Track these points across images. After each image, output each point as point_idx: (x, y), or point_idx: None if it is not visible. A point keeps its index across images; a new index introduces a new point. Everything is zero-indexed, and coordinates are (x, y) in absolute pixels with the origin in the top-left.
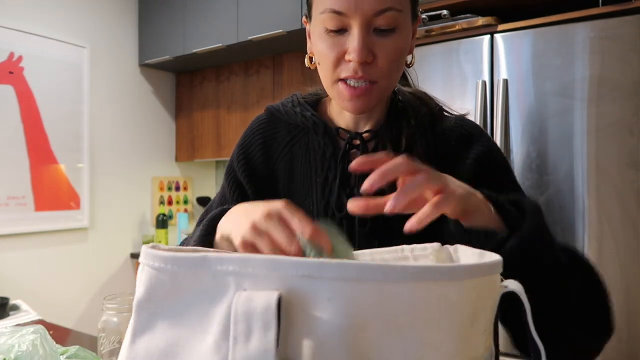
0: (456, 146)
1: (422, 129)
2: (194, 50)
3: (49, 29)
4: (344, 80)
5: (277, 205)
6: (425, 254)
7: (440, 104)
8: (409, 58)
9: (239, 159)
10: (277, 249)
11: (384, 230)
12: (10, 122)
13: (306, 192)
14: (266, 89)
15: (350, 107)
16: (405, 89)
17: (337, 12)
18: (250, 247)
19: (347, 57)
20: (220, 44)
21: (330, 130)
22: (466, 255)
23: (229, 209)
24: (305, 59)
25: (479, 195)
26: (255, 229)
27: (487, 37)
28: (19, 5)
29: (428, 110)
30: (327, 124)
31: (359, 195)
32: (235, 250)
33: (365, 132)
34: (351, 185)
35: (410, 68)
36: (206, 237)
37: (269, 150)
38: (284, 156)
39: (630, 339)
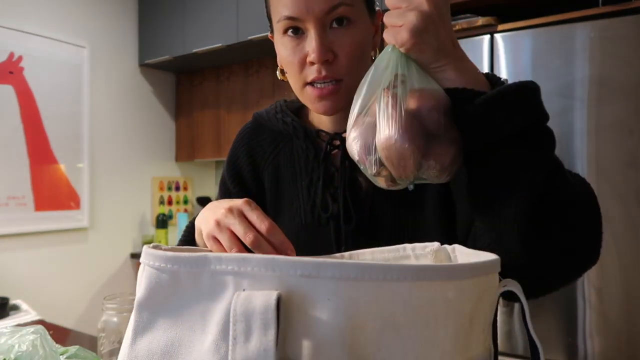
0: None
1: None
2: (194, 50)
3: (49, 29)
4: (310, 83)
5: (239, 202)
6: (424, 253)
7: None
8: (374, 55)
9: (229, 172)
10: (237, 241)
11: (370, 228)
12: (10, 122)
13: (293, 196)
14: (266, 89)
15: (320, 109)
16: None
17: (291, 18)
18: (214, 240)
19: (308, 59)
20: (220, 44)
21: (311, 133)
22: (464, 255)
23: None
24: (277, 72)
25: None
26: (218, 224)
27: (487, 37)
28: (19, 5)
29: None
30: (307, 128)
31: (343, 194)
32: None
33: (345, 131)
34: (335, 185)
35: None
36: (188, 236)
37: (255, 159)
38: (270, 163)
39: (630, 339)
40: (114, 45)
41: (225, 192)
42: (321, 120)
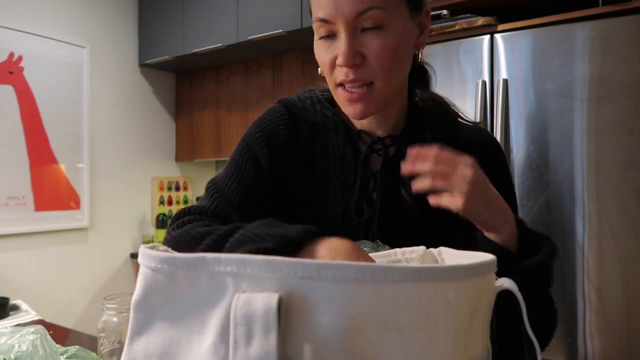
0: (478, 156)
1: (445, 138)
2: (194, 50)
3: (49, 29)
4: (341, 85)
5: None
6: (412, 257)
7: (457, 110)
8: (419, 54)
9: (258, 138)
10: None
11: (402, 235)
12: (10, 122)
13: (325, 194)
14: (266, 89)
15: (350, 112)
16: (426, 93)
17: (323, 20)
18: None
19: (337, 62)
20: (220, 44)
21: (352, 132)
22: (450, 257)
23: (309, 230)
24: (319, 68)
25: (506, 212)
26: None
27: (487, 37)
28: (19, 5)
29: (448, 118)
30: (348, 126)
31: (378, 200)
32: None
33: (387, 137)
34: (370, 189)
35: (430, 69)
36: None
37: (290, 144)
38: (305, 154)
39: (630, 339)
40: (114, 45)
41: (247, 155)
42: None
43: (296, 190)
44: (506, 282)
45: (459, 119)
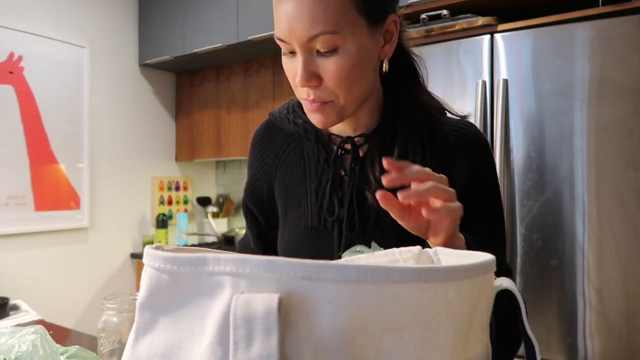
0: (453, 152)
1: (418, 135)
2: (194, 50)
3: (49, 29)
4: None
5: None
6: (408, 257)
7: (443, 105)
8: (384, 64)
9: (245, 192)
10: None
11: (372, 235)
12: (10, 122)
13: (301, 197)
14: (266, 89)
15: (314, 121)
16: (404, 90)
17: (281, 40)
18: None
19: (296, 81)
20: (220, 44)
21: (322, 136)
22: (446, 257)
23: None
24: None
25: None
26: None
27: (487, 37)
28: (19, 5)
29: (427, 115)
30: (318, 130)
31: (350, 200)
32: None
33: (357, 136)
34: (344, 189)
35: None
36: None
37: (269, 169)
38: (281, 165)
39: (630, 339)
40: (114, 45)
41: (245, 209)
42: None
43: (281, 200)
44: (505, 282)
45: (447, 114)
